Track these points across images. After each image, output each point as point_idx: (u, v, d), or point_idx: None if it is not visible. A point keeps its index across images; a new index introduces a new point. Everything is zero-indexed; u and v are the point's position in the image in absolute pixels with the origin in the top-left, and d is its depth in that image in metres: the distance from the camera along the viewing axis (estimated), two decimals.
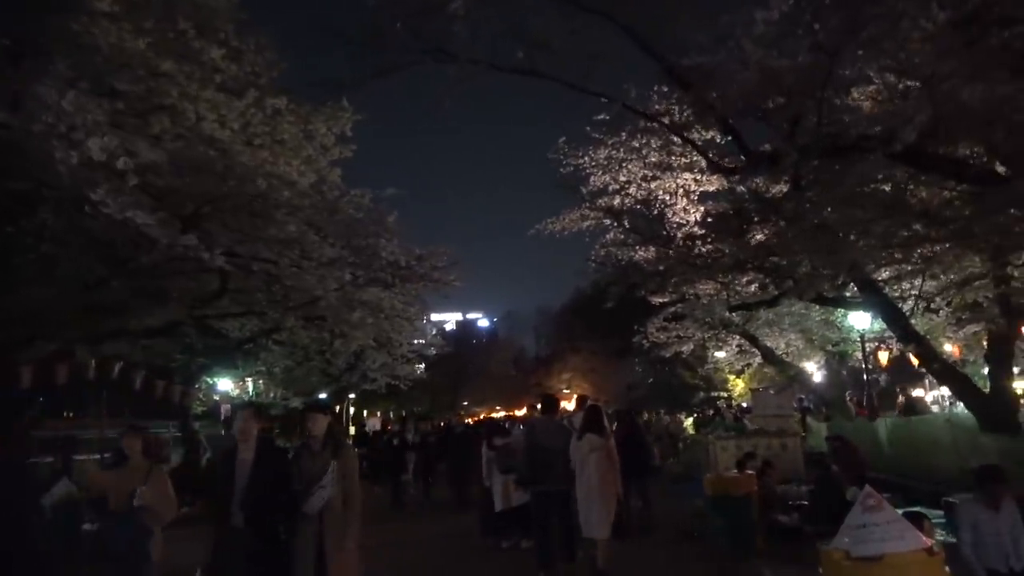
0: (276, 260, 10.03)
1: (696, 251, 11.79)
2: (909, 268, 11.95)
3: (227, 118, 12.42)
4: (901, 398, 15.32)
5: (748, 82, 8.19)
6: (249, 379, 24.36)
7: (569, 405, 48.54)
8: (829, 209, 10.98)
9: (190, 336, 19.14)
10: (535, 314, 66.43)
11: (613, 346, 45.39)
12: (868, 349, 16.75)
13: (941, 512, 9.28)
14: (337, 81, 9.27)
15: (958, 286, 13.19)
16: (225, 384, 23.67)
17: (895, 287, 13.57)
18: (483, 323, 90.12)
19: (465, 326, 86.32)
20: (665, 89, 12.71)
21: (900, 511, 4.66)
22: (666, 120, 10.68)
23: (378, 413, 44.64)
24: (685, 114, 10.52)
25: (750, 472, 8.97)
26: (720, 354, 28.44)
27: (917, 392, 33.89)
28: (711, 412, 25.60)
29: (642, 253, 15.41)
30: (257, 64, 12.63)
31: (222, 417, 22.60)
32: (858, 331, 14.98)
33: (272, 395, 25.79)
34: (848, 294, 13.54)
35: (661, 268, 13.48)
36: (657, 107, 11.43)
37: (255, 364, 24.02)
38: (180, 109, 11.89)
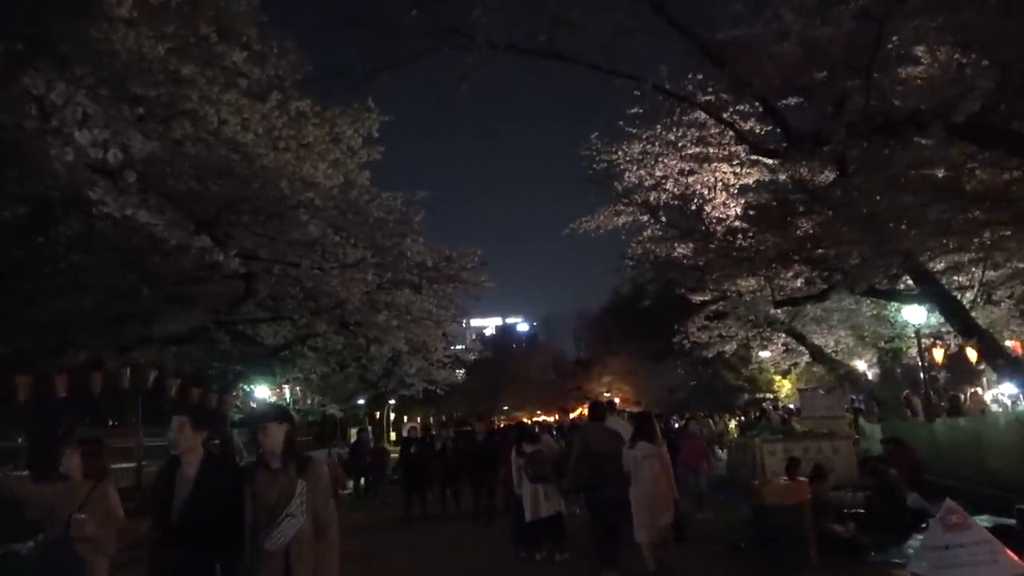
0: (298, 263, 9.67)
1: (738, 244, 11.09)
2: (968, 257, 11.12)
3: (250, 122, 12.20)
4: (943, 401, 14.28)
5: (788, 56, 7.54)
6: (286, 386, 24.20)
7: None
8: (878, 196, 10.26)
9: (223, 343, 19.04)
10: (574, 317, 65.76)
11: (653, 349, 44.39)
12: (924, 345, 15.79)
13: (1014, 521, 8.48)
14: (351, 73, 8.79)
15: (1015, 277, 12.29)
16: (262, 391, 23.56)
17: (953, 278, 12.69)
18: (523, 327, 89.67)
19: (505, 331, 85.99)
20: (699, 76, 12.12)
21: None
22: (701, 100, 9.98)
23: (418, 419, 44.49)
24: (721, 96, 9.87)
25: (802, 479, 8.24)
26: (765, 354, 27.41)
27: (975, 390, 32.37)
28: (756, 414, 24.66)
29: (681, 249, 14.70)
30: (280, 67, 12.40)
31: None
32: (913, 326, 14.05)
33: (309, 402, 25.64)
34: (902, 286, 12.70)
35: (701, 263, 12.78)
36: (691, 89, 10.76)
37: (292, 371, 23.89)
38: (202, 113, 11.72)
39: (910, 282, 12.75)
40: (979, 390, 33.01)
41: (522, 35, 8.24)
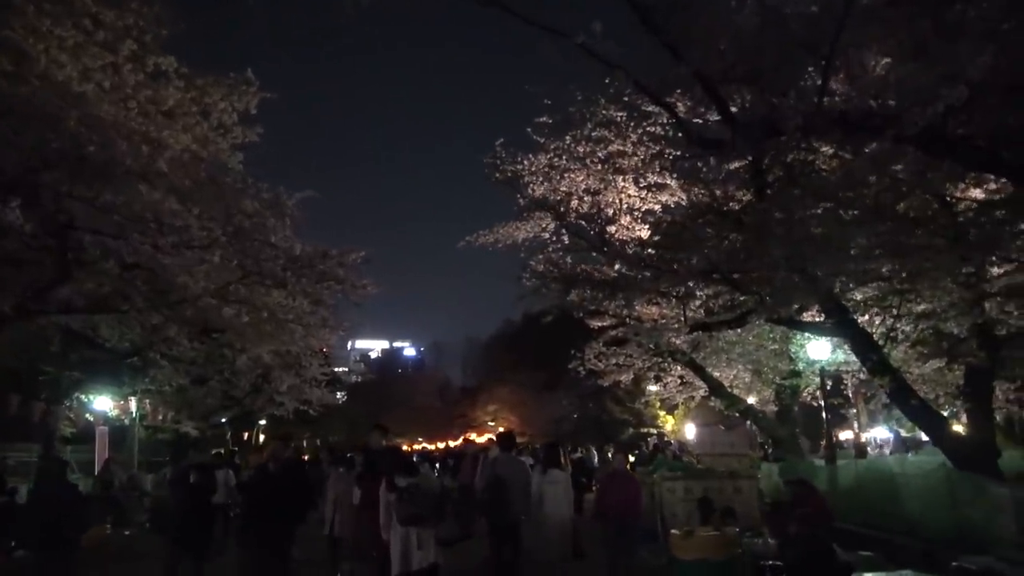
0: (122, 235, 7.46)
1: (656, 258, 9.77)
2: (892, 287, 10.26)
3: (92, 72, 9.98)
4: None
5: (746, 25, 6.25)
6: (133, 398, 21.01)
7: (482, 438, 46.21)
8: (804, 214, 9.23)
9: (53, 343, 16.03)
10: (463, 344, 64.00)
11: (541, 379, 43.35)
12: (818, 383, 15.11)
13: None
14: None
15: (929, 316, 11.61)
16: (104, 403, 20.28)
17: (864, 314, 11.90)
18: (410, 352, 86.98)
19: (391, 354, 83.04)
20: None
21: None
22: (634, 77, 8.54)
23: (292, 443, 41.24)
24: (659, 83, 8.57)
25: (730, 529, 6.80)
26: (653, 388, 26.62)
27: (845, 434, 32.90)
28: (649, 448, 23.68)
29: (584, 267, 13.33)
30: (143, 16, 10.20)
31: (96, 443, 19.22)
32: (817, 363, 13.25)
33: (161, 417, 22.45)
34: (814, 319, 11.78)
35: (613, 275, 11.39)
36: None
37: (143, 381, 20.77)
38: (27, 49, 9.43)
39: (819, 318, 11.90)
40: (850, 433, 33.72)
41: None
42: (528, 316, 55.68)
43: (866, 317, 11.90)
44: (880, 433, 28.10)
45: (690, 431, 31.57)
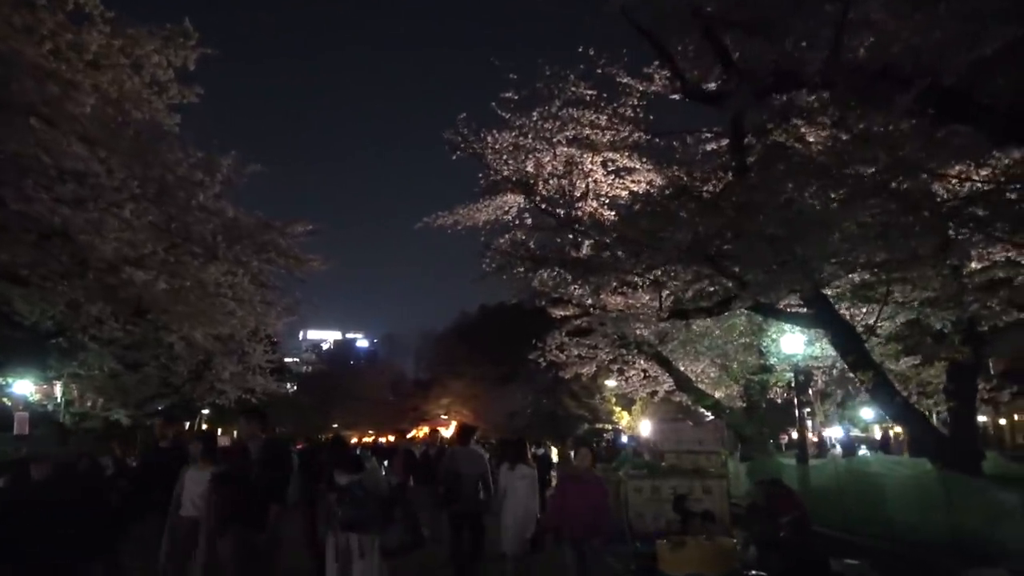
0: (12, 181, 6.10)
1: (633, 236, 8.77)
2: (879, 277, 9.47)
3: None
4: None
5: None
6: (58, 382, 19.24)
7: (448, 432, 44.98)
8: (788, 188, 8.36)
9: None
10: (417, 336, 62.43)
11: (496, 373, 42.35)
12: (788, 379, 14.39)
13: None
14: None
15: (913, 307, 10.92)
16: (25, 387, 18.48)
17: (845, 305, 11.14)
18: (363, 344, 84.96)
19: (343, 346, 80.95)
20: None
21: None
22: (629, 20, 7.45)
23: (234, 432, 39.32)
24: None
25: (727, 539, 5.84)
26: (612, 383, 25.84)
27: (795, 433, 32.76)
28: (605, 444, 22.82)
29: (554, 247, 12.27)
30: None
31: (15, 429, 17.44)
32: (790, 357, 12.48)
33: (90, 404, 20.68)
34: (799, 309, 10.97)
35: (586, 255, 10.37)
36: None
37: (70, 365, 19.02)
38: None
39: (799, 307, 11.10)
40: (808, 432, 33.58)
41: None
42: (484, 309, 54.76)
43: (845, 309, 11.15)
44: (835, 432, 27.82)
45: (646, 427, 31.03)
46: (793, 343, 12.34)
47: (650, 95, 12.61)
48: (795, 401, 13.22)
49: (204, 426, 36.52)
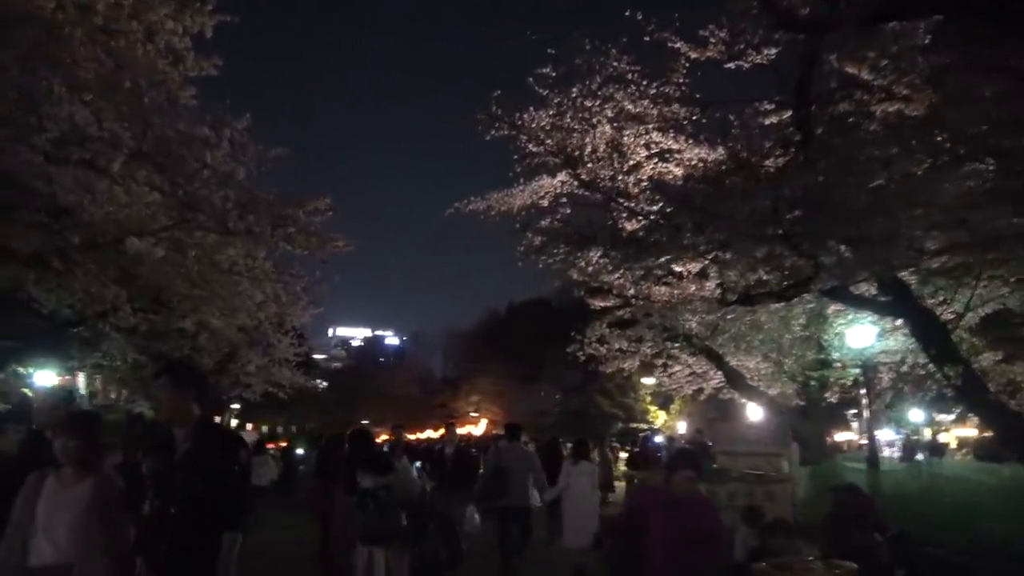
0: None
1: (698, 206, 7.63)
2: (980, 256, 8.21)
3: None
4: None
5: None
6: (81, 373, 18.58)
7: (476, 430, 44.08)
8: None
9: None
10: (444, 334, 61.67)
11: (523, 371, 41.36)
12: (854, 375, 13.10)
13: None
14: None
15: (1001, 296, 9.64)
16: (47, 378, 17.84)
17: (928, 292, 9.87)
18: (392, 341, 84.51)
19: (373, 342, 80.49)
20: None
21: None
22: None
23: (264, 428, 38.73)
24: None
25: (846, 564, 4.73)
26: (650, 380, 24.60)
27: (845, 435, 31.08)
28: (639, 444, 21.58)
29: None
30: None
31: (36, 419, 16.83)
32: (859, 351, 11.22)
33: (113, 396, 20.04)
34: (868, 294, 9.73)
35: (641, 229, 9.23)
36: None
37: (92, 355, 18.33)
38: None
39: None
40: (851, 434, 31.91)
41: None
42: (512, 306, 53.84)
43: (929, 297, 9.88)
44: (885, 435, 26.28)
45: (682, 427, 29.73)
46: (862, 335, 11.07)
47: (702, 65, 11.53)
48: (864, 400, 11.96)
49: (234, 422, 36.02)
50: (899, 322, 12.01)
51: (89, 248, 9.47)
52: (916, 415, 29.73)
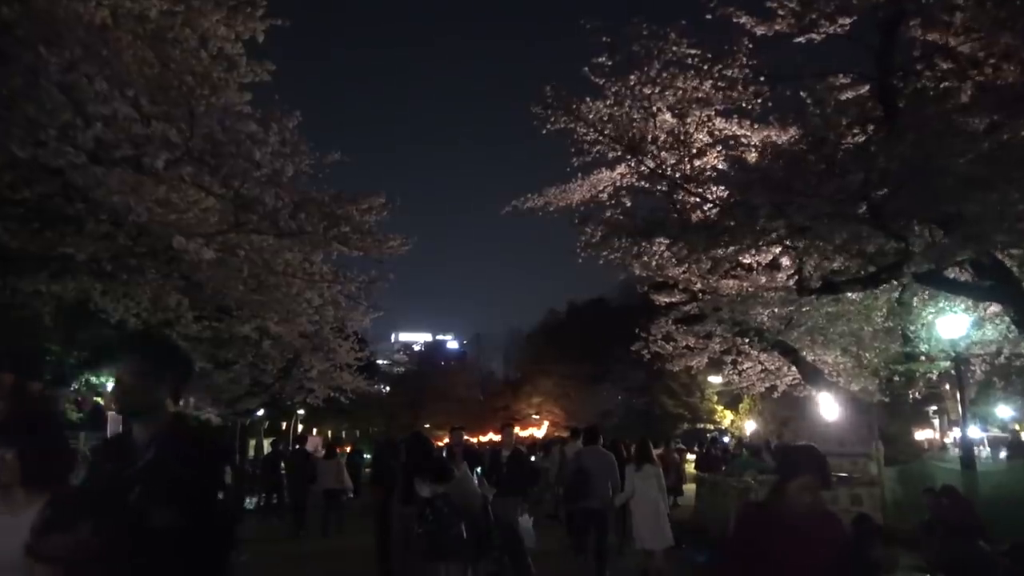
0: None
1: (776, 184, 6.98)
2: None
3: None
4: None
5: None
6: None
7: (539, 432, 43.60)
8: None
9: (43, 316, 13.94)
10: (505, 336, 61.48)
11: (585, 371, 40.70)
12: (944, 367, 12.13)
13: None
14: None
15: None
16: None
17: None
18: (453, 345, 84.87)
19: (434, 347, 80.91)
20: None
21: None
22: None
23: (329, 432, 39.15)
24: None
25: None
26: (716, 379, 23.73)
27: (925, 433, 29.31)
28: (708, 444, 20.74)
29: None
30: None
31: (108, 429, 17.16)
32: (950, 342, 10.29)
33: (181, 403, 20.32)
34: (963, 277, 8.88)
35: (714, 218, 8.56)
36: None
37: None
38: None
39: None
40: (931, 432, 30.10)
41: None
42: (572, 307, 53.22)
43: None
44: (972, 432, 24.62)
45: (750, 427, 28.64)
46: (954, 325, 10.13)
47: (769, 41, 10.83)
48: (959, 396, 10.98)
49: (299, 428, 36.51)
50: (993, 309, 11.06)
51: (148, 255, 9.46)
52: (1004, 411, 27.90)
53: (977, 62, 7.43)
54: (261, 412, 26.18)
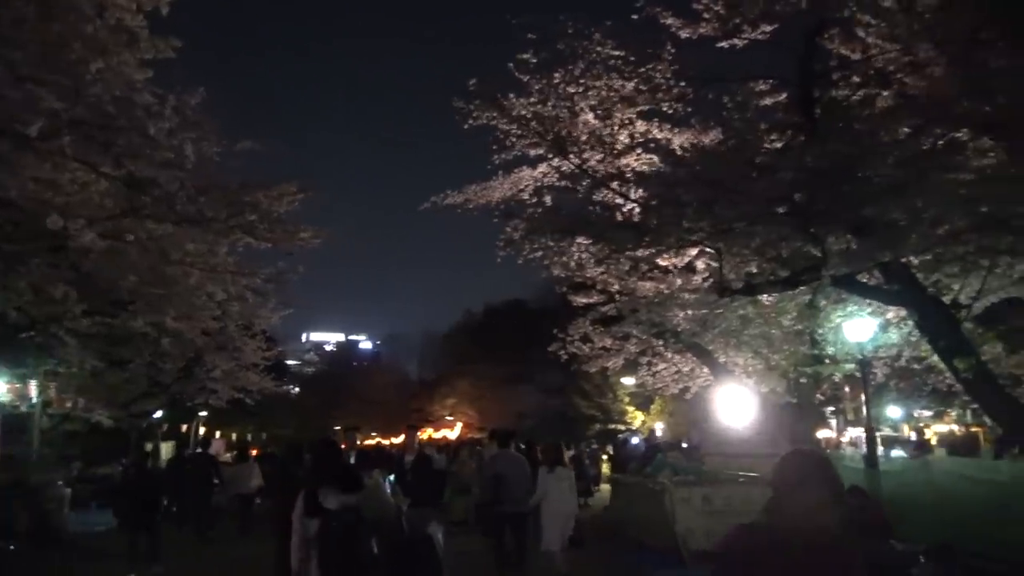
0: None
1: (703, 182, 6.89)
2: (993, 240, 7.61)
3: None
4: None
5: None
6: (34, 381, 17.38)
7: (452, 433, 43.08)
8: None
9: None
10: (420, 337, 60.69)
11: (502, 373, 40.52)
12: (847, 370, 12.54)
13: None
14: None
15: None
16: None
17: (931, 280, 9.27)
18: (366, 345, 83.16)
19: (347, 347, 79.04)
20: None
21: None
22: None
23: (234, 435, 37.40)
24: None
25: None
26: (629, 380, 23.97)
27: (823, 432, 30.68)
28: (619, 445, 20.91)
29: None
30: None
31: None
32: (857, 345, 10.59)
33: (69, 404, 18.82)
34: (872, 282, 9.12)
35: (634, 216, 8.45)
36: None
37: (47, 362, 17.16)
38: None
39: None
40: (828, 432, 31.54)
41: None
42: (489, 308, 53.00)
43: (932, 285, 9.28)
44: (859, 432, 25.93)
45: (659, 428, 29.16)
46: (861, 329, 10.43)
47: (693, 44, 10.87)
48: (864, 397, 11.32)
49: (202, 430, 34.60)
50: (893, 314, 11.49)
51: (28, 239, 8.51)
52: (894, 411, 29.49)
53: (895, 72, 7.61)
54: (160, 414, 24.64)
